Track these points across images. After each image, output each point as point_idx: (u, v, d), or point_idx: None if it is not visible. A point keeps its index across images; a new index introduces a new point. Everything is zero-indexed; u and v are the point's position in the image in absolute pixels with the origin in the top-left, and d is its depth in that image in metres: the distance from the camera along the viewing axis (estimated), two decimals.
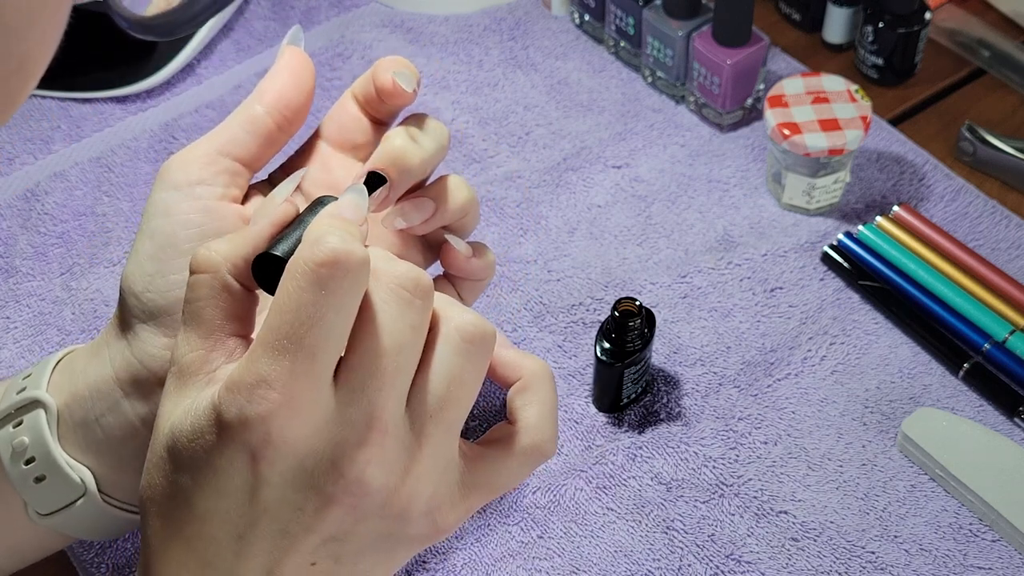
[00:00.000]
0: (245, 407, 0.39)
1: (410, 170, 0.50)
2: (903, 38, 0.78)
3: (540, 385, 0.47)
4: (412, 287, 0.41)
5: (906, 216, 0.71)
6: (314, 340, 0.39)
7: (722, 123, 0.78)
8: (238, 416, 0.39)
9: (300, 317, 0.39)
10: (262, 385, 0.39)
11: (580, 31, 0.85)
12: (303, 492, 0.40)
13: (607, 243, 0.72)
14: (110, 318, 0.53)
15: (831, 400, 0.64)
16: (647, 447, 0.63)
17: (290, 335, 0.39)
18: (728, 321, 0.68)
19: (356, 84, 0.55)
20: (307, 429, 0.39)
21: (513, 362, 0.47)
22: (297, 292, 0.39)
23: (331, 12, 0.88)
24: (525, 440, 0.45)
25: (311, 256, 0.39)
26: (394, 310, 0.41)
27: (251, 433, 0.39)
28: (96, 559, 0.60)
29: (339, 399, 0.40)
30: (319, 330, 0.39)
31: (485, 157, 0.77)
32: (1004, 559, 0.58)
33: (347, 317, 0.40)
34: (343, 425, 0.40)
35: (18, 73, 0.30)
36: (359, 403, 0.40)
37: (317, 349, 0.39)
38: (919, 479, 0.61)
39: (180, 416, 0.41)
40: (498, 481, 0.45)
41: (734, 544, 0.59)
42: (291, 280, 0.39)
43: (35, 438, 0.51)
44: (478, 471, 0.45)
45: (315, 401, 0.39)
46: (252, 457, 0.39)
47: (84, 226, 0.75)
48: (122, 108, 0.82)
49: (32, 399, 0.51)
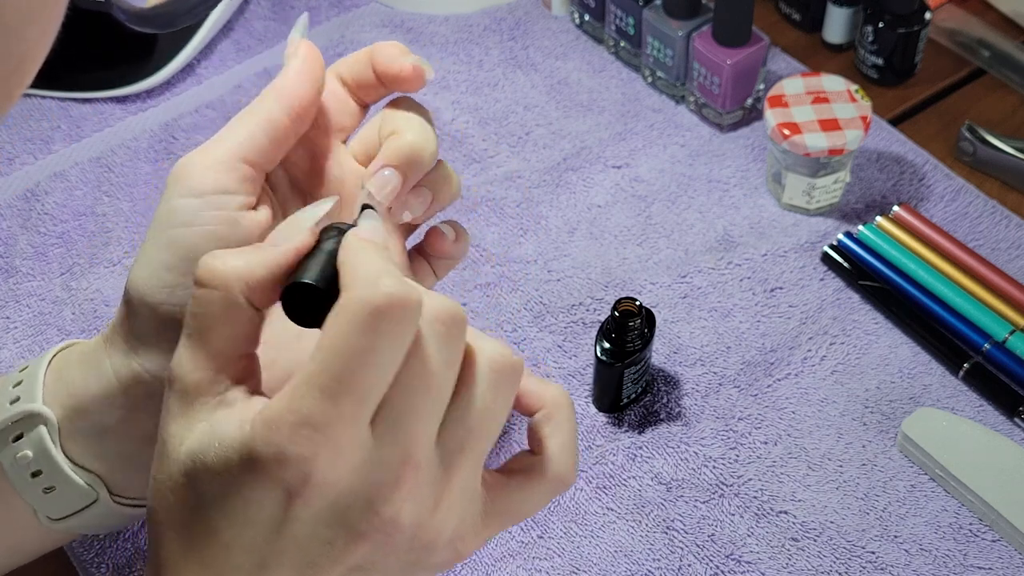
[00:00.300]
0: (286, 446, 0.38)
1: (423, 166, 0.49)
2: (903, 38, 0.78)
3: (563, 414, 0.46)
4: (450, 322, 0.40)
5: (906, 216, 0.71)
6: (365, 384, 0.38)
7: (722, 123, 0.78)
8: (277, 455, 0.38)
9: (352, 360, 0.38)
10: (306, 426, 0.38)
11: (580, 31, 0.85)
12: (334, 529, 0.39)
13: (607, 243, 0.72)
14: (107, 324, 0.52)
15: (831, 400, 0.64)
16: (647, 447, 0.63)
17: (340, 378, 0.38)
18: (728, 321, 0.68)
19: (343, 67, 0.52)
20: (346, 470, 0.39)
21: (536, 391, 0.46)
22: (352, 334, 0.38)
23: (331, 12, 0.88)
24: (550, 471, 0.45)
25: (369, 299, 0.38)
26: (433, 347, 0.40)
27: (290, 472, 0.38)
28: (96, 559, 0.60)
29: (376, 437, 0.39)
30: (370, 373, 0.38)
31: (485, 157, 0.77)
32: (1004, 559, 0.58)
33: (398, 360, 0.39)
34: (380, 464, 0.39)
35: (16, 72, 0.30)
36: (396, 441, 0.39)
37: (366, 393, 0.38)
38: (919, 479, 0.61)
39: (199, 442, 0.40)
40: (520, 510, 0.45)
41: (734, 544, 0.59)
42: (345, 322, 0.38)
43: (39, 452, 0.50)
44: (500, 500, 0.44)
45: (356, 442, 0.39)
46: (288, 494, 0.39)
47: (84, 226, 0.75)
48: (122, 108, 0.82)
49: (30, 413, 0.50)
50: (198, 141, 0.79)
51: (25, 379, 0.51)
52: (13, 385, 0.51)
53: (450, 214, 0.74)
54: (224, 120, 0.80)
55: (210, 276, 0.41)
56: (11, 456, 0.50)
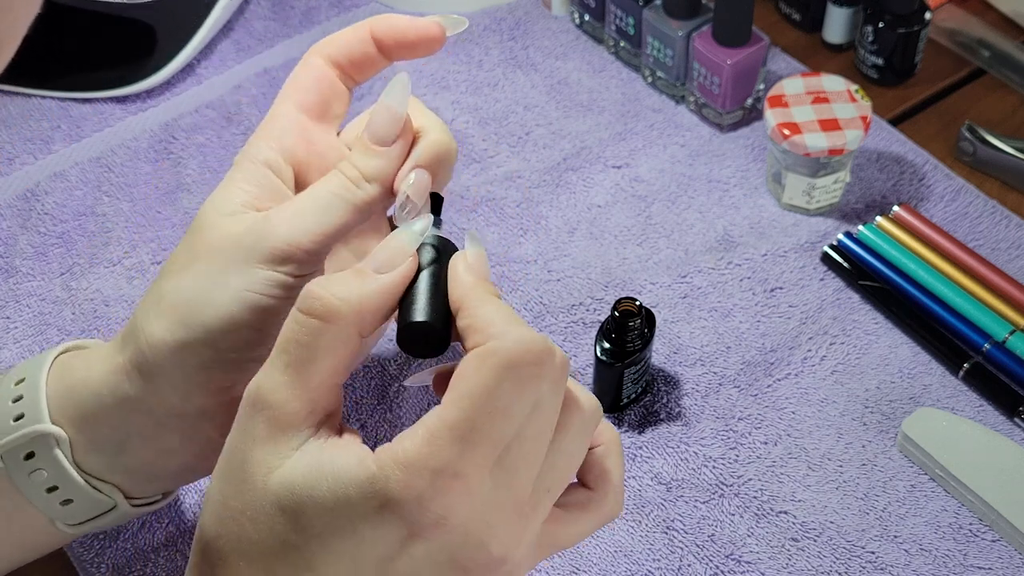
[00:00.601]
0: (426, 491, 0.38)
1: (451, 164, 0.50)
2: (903, 38, 0.78)
3: (617, 451, 0.47)
4: (564, 367, 0.41)
5: (906, 216, 0.71)
6: (502, 433, 0.39)
7: (722, 123, 0.78)
8: (418, 499, 0.38)
9: (494, 410, 0.38)
10: (447, 473, 0.38)
11: (580, 31, 0.85)
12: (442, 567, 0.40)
13: (607, 243, 0.72)
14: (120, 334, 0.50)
15: (831, 400, 0.64)
16: (647, 447, 0.63)
17: (480, 428, 0.38)
18: (728, 321, 0.68)
19: (333, 47, 0.51)
20: (475, 513, 0.39)
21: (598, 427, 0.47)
22: (494, 385, 0.38)
23: (331, 12, 0.88)
24: (604, 508, 0.46)
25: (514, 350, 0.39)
26: (551, 399, 0.41)
27: (425, 515, 0.38)
28: (96, 559, 0.60)
29: (494, 479, 0.40)
30: (509, 424, 0.39)
31: (485, 157, 0.77)
32: (1004, 559, 0.58)
33: (530, 409, 0.40)
34: (496, 507, 0.40)
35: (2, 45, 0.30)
36: (512, 487, 0.40)
37: (501, 442, 0.39)
38: (919, 479, 0.61)
39: (305, 476, 0.39)
40: (568, 541, 0.46)
41: (734, 544, 0.59)
42: (488, 373, 0.39)
43: (54, 471, 0.49)
44: (553, 532, 0.45)
45: (484, 485, 0.39)
46: (411, 533, 0.39)
47: (84, 226, 0.75)
48: (122, 108, 0.82)
49: (40, 433, 0.49)
50: (198, 141, 0.79)
51: (26, 394, 0.50)
52: (13, 400, 0.50)
53: (451, 215, 0.74)
54: (224, 120, 0.80)
55: (324, 310, 0.40)
56: (24, 474, 0.49)
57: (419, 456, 0.38)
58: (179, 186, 0.76)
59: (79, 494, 0.50)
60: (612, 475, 0.46)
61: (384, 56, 0.51)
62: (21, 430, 0.49)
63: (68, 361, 0.51)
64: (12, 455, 0.49)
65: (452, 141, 0.50)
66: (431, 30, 0.49)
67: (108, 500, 0.50)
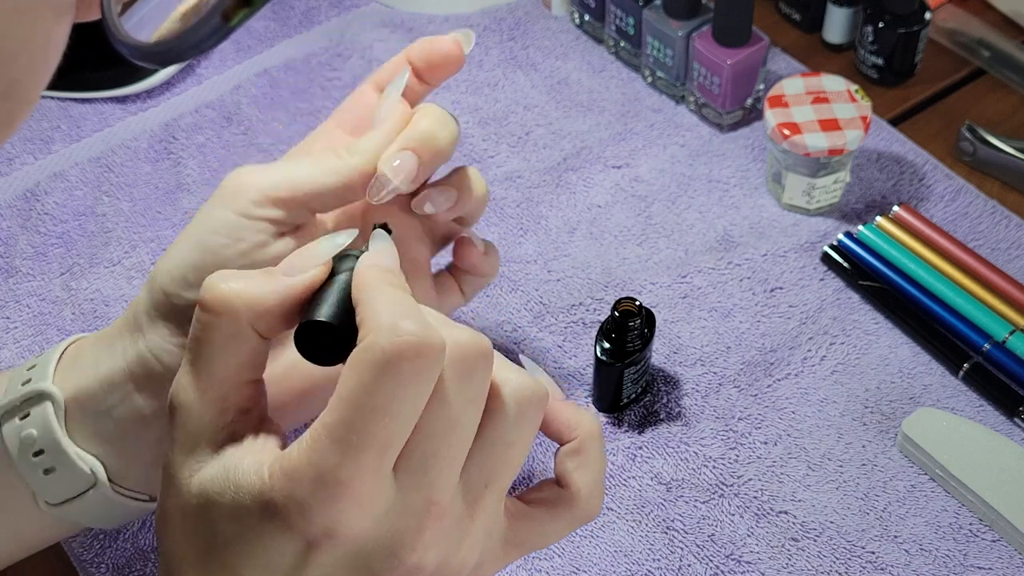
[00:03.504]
0: (308, 499, 0.36)
1: (439, 149, 0.50)
2: (903, 38, 0.78)
3: (594, 447, 0.44)
4: (475, 359, 0.38)
5: (906, 216, 0.71)
6: (386, 435, 0.36)
7: (722, 123, 0.78)
8: (299, 509, 0.37)
9: (373, 411, 0.36)
10: (327, 480, 0.36)
11: (580, 31, 0.85)
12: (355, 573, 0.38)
13: (607, 243, 0.72)
14: (121, 314, 0.52)
15: (831, 400, 0.64)
16: (647, 447, 0.63)
17: (360, 429, 0.36)
18: (728, 321, 0.68)
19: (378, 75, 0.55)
20: (370, 521, 0.37)
21: (571, 420, 0.45)
22: (371, 384, 0.36)
23: (331, 12, 0.88)
24: (574, 508, 0.44)
25: (388, 346, 0.36)
26: (455, 386, 0.38)
27: (312, 525, 0.37)
28: (96, 559, 0.60)
29: (399, 484, 0.38)
30: (392, 423, 0.36)
31: (485, 157, 0.77)
32: (1004, 559, 0.58)
33: (420, 406, 0.37)
34: (403, 513, 0.38)
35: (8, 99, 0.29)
36: (420, 487, 0.38)
37: (388, 444, 0.37)
38: (919, 479, 0.61)
39: (213, 482, 0.39)
40: (540, 541, 0.44)
41: (734, 544, 0.59)
42: (364, 371, 0.36)
43: (43, 431, 0.50)
44: (521, 530, 0.43)
45: (379, 492, 0.37)
46: (309, 545, 0.37)
47: (84, 226, 0.75)
48: (122, 108, 0.82)
49: (38, 392, 0.51)
50: (198, 141, 0.79)
51: (39, 363, 0.52)
52: (27, 368, 0.52)
53: None
54: (224, 120, 0.80)
55: (216, 302, 0.39)
56: (16, 434, 0.50)
57: (299, 464, 0.37)
58: (179, 186, 0.76)
59: (62, 461, 0.50)
60: (577, 474, 0.44)
61: (421, 81, 0.53)
62: (22, 389, 0.51)
63: (86, 337, 0.54)
64: (9, 415, 0.51)
65: (441, 127, 0.50)
66: (452, 50, 0.52)
67: (89, 476, 0.50)
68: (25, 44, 0.29)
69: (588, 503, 0.44)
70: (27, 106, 0.30)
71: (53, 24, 0.28)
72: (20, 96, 0.30)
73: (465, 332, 0.39)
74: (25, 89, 0.30)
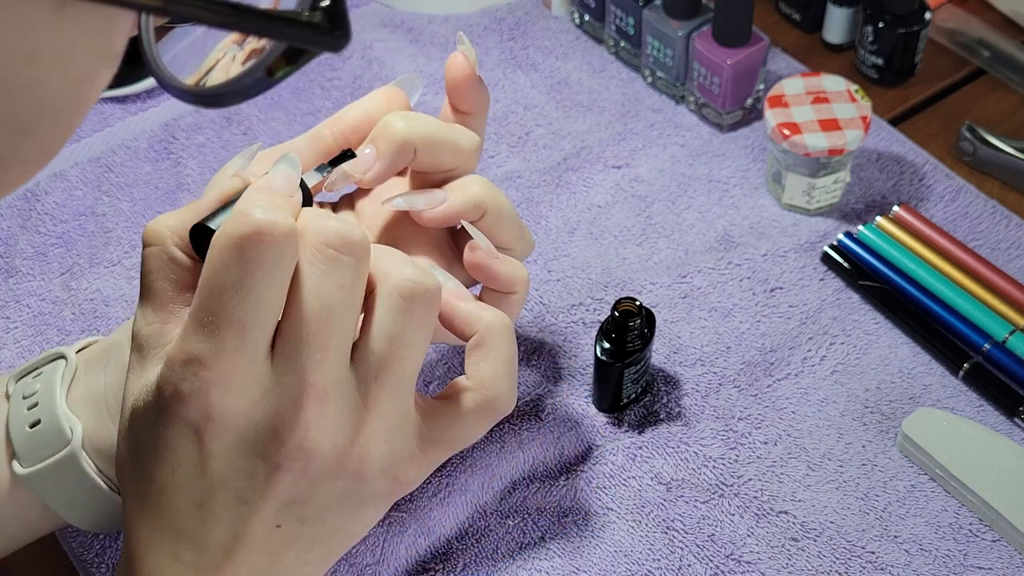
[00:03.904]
0: (180, 384, 0.39)
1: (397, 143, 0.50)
2: (903, 38, 0.78)
3: (496, 340, 0.46)
4: (339, 244, 0.41)
5: (906, 216, 0.71)
6: (242, 314, 0.39)
7: (722, 123, 0.78)
8: (174, 392, 0.39)
9: (226, 292, 0.39)
10: (193, 362, 0.39)
11: (580, 31, 0.85)
12: (251, 460, 0.40)
13: (607, 243, 0.72)
14: None
15: (831, 400, 0.64)
16: (647, 447, 0.63)
17: (217, 311, 0.39)
18: (728, 321, 0.68)
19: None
20: (244, 402, 0.40)
21: (470, 315, 0.47)
22: (222, 267, 0.39)
23: None
24: (478, 398, 0.45)
25: (234, 230, 0.39)
26: (320, 271, 0.40)
27: (188, 409, 0.39)
28: (96, 559, 0.60)
29: (275, 368, 0.40)
30: (246, 304, 0.39)
31: (485, 157, 0.77)
32: (1004, 559, 0.58)
33: (276, 288, 0.40)
34: (280, 394, 0.40)
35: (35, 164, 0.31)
36: (294, 370, 0.40)
37: (245, 323, 0.39)
38: (919, 479, 0.61)
39: (138, 391, 0.42)
40: (455, 437, 0.45)
41: (734, 544, 0.59)
42: (216, 255, 0.39)
43: (45, 385, 0.52)
44: (435, 427, 0.45)
45: (250, 373, 0.39)
46: (195, 432, 0.40)
47: (84, 226, 0.75)
48: (122, 108, 0.82)
49: (56, 354, 0.53)
50: (198, 141, 0.79)
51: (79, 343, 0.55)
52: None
53: None
54: (224, 120, 0.80)
55: (148, 235, 0.44)
56: (22, 390, 0.52)
57: (173, 351, 0.40)
58: (179, 186, 0.76)
59: (49, 415, 0.51)
60: (480, 365, 0.45)
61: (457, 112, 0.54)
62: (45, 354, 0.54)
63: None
64: (23, 373, 0.53)
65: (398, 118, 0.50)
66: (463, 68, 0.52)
67: (66, 436, 0.51)
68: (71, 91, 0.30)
69: (493, 392, 0.46)
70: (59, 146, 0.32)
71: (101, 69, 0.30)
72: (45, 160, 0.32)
73: (336, 220, 0.41)
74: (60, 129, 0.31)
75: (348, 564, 0.58)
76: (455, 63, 0.52)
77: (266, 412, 0.40)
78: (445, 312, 0.47)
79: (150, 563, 0.42)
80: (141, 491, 0.42)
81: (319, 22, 0.30)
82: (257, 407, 0.40)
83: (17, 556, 0.58)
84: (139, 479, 0.42)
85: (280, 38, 0.31)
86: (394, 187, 0.54)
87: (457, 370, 0.66)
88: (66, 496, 0.52)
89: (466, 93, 0.53)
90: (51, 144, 0.31)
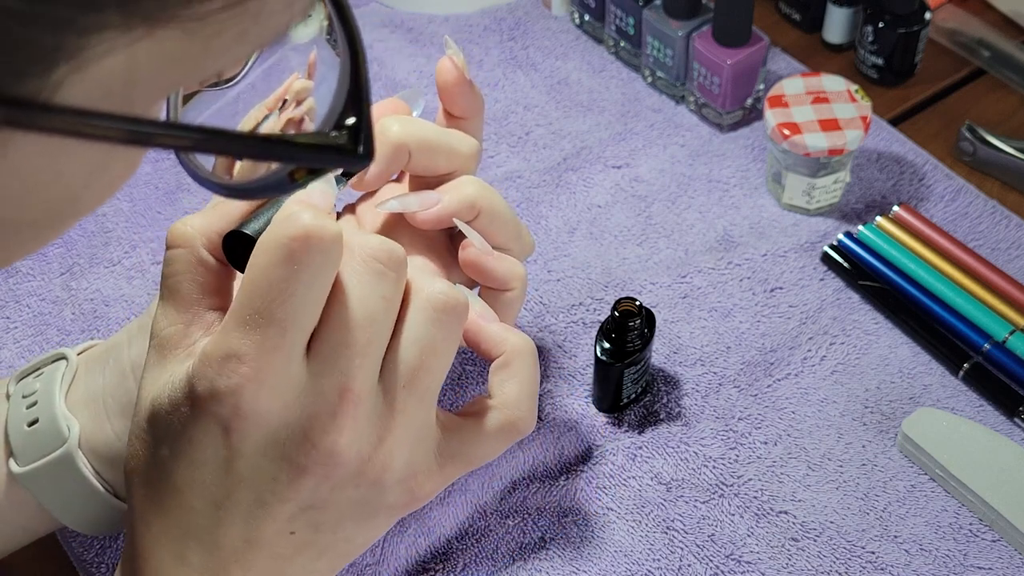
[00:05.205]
0: (215, 380, 0.39)
1: (392, 146, 0.50)
2: (903, 38, 0.78)
3: (521, 362, 0.47)
4: (385, 259, 0.42)
5: (906, 216, 0.71)
6: (284, 314, 0.39)
7: (722, 123, 0.78)
8: (209, 389, 0.39)
9: (271, 292, 0.39)
10: (232, 359, 0.39)
11: (580, 31, 0.85)
12: (276, 463, 0.40)
13: (607, 243, 0.72)
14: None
15: (831, 400, 0.64)
16: (647, 447, 0.63)
17: (260, 310, 0.39)
18: (728, 321, 0.68)
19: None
20: (278, 402, 0.40)
21: (496, 337, 0.47)
22: (269, 267, 0.39)
23: None
24: (501, 417, 0.46)
25: (283, 232, 0.39)
26: (366, 282, 0.41)
27: (221, 406, 0.39)
28: (96, 559, 0.60)
29: (311, 371, 0.40)
30: (290, 304, 0.39)
31: (485, 157, 0.77)
32: (1004, 559, 0.58)
33: (319, 291, 0.40)
34: (314, 397, 0.40)
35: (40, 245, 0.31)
36: (331, 374, 0.40)
37: (287, 323, 0.39)
38: (919, 479, 0.61)
39: (160, 388, 0.42)
40: (474, 453, 0.46)
41: (734, 544, 0.59)
42: (263, 255, 0.40)
43: (45, 384, 0.52)
44: (454, 442, 0.45)
45: (285, 374, 0.40)
46: (224, 429, 0.40)
47: (84, 226, 0.75)
48: None
49: (58, 354, 0.53)
50: None
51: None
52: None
53: None
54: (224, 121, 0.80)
55: (175, 236, 0.44)
56: (22, 389, 0.53)
57: (211, 348, 0.40)
58: (179, 186, 0.76)
59: (46, 413, 0.51)
60: (504, 386, 0.46)
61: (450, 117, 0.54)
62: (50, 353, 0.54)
63: None
64: (24, 373, 0.53)
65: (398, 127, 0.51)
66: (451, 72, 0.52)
67: (63, 435, 0.51)
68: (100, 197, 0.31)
69: (516, 412, 0.46)
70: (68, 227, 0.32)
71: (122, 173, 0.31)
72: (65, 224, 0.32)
73: (378, 237, 0.42)
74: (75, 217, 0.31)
75: (348, 563, 0.58)
76: (444, 68, 0.52)
77: (298, 414, 0.40)
78: (472, 332, 0.48)
79: (154, 563, 0.41)
80: (154, 489, 0.42)
81: (344, 144, 0.31)
82: (290, 409, 0.40)
83: (17, 556, 0.58)
84: (153, 476, 0.42)
85: (308, 164, 0.32)
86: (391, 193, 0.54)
87: (454, 382, 0.66)
88: (61, 496, 0.52)
89: (457, 98, 0.53)
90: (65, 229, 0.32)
